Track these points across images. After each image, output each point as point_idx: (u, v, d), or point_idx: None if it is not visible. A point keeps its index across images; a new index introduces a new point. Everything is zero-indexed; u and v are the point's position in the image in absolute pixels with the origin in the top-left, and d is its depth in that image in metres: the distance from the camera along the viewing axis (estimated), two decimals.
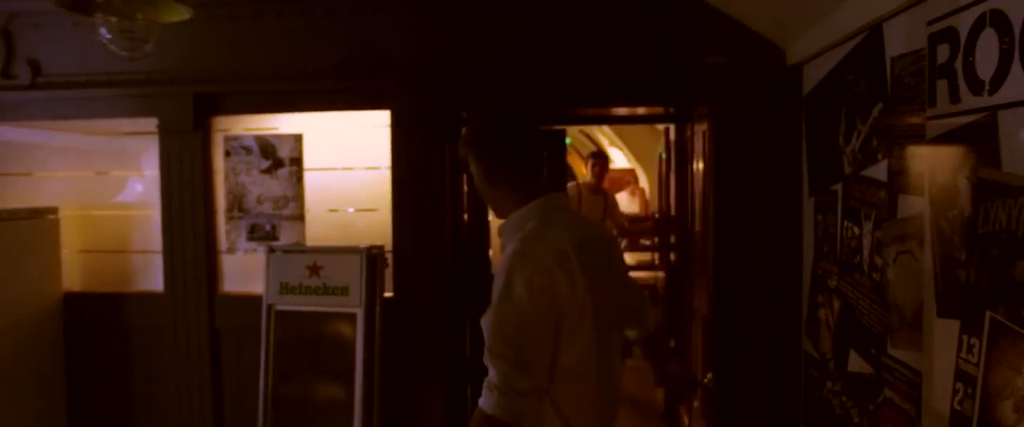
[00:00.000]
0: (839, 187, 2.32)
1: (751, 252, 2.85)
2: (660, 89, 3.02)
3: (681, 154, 3.66)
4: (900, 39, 1.88)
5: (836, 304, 2.36)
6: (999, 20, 1.41)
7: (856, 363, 2.18)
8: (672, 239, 4.03)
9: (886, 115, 1.95)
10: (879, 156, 2.00)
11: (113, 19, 1.74)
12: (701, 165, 3.15)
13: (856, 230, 2.17)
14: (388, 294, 3.06)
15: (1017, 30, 1.34)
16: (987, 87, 1.45)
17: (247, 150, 3.19)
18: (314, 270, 2.98)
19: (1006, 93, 1.39)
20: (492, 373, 1.44)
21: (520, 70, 2.95)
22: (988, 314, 1.45)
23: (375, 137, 3.13)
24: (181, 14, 1.85)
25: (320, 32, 3.01)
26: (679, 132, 3.70)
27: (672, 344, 3.77)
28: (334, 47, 3.00)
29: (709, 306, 2.96)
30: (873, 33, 2.03)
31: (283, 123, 3.24)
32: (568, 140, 6.28)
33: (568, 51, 2.93)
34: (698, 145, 3.22)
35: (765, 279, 2.83)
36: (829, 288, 2.42)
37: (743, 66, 2.83)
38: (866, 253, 2.10)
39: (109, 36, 1.78)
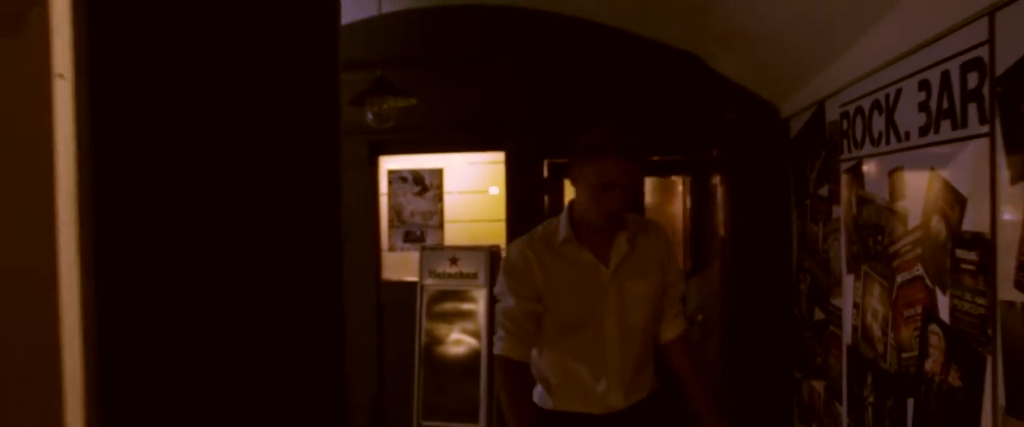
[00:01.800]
0: (808, 202, 3.56)
1: (756, 247, 4.09)
2: (692, 137, 4.31)
3: (705, 183, 4.92)
4: (832, 112, 3.14)
5: (808, 278, 3.59)
6: (861, 110, 2.68)
7: (818, 315, 3.41)
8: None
9: (825, 157, 3.21)
10: (824, 182, 3.25)
11: (375, 108, 3.14)
12: (721, 189, 4.42)
13: (815, 229, 3.42)
14: None
15: (867, 114, 2.61)
16: (858, 144, 2.72)
17: (404, 179, 4.61)
18: (453, 261, 4.36)
19: (866, 148, 2.65)
20: (683, 286, 2.26)
21: (591, 123, 4.29)
22: (863, 267, 2.70)
23: (494, 169, 4.51)
24: (410, 101, 3.26)
25: (457, 97, 4.42)
26: (703, 167, 4.96)
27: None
28: (467, 108, 4.40)
29: (725, 288, 4.20)
30: (819, 106, 3.29)
31: (429, 160, 4.65)
32: None
33: (630, 112, 4.25)
34: (717, 178, 4.48)
35: (767, 266, 4.06)
36: (804, 268, 3.65)
37: (750, 119, 4.10)
38: (820, 243, 3.34)
39: (371, 117, 3.18)
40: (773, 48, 3.48)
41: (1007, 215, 1.67)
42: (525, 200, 4.37)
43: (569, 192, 4.31)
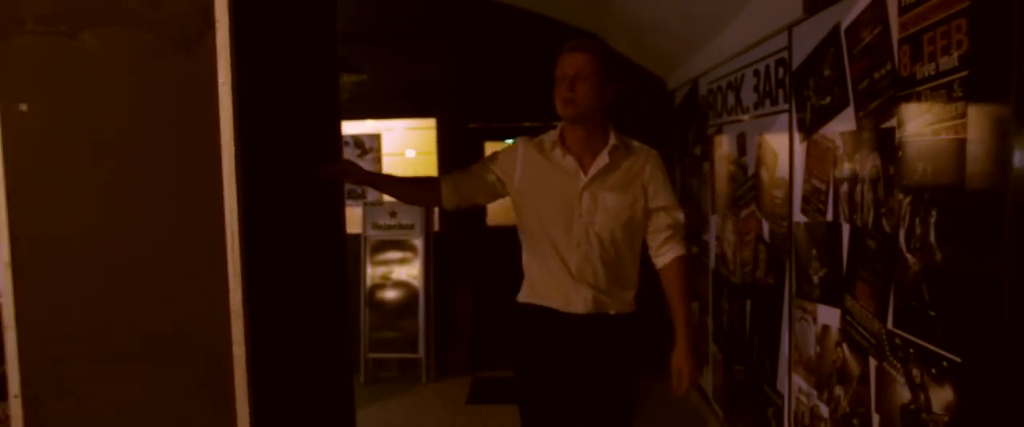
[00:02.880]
0: (686, 160, 4.42)
1: None
2: None
3: None
4: (703, 88, 3.96)
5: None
6: (721, 88, 3.50)
7: (693, 249, 4.29)
8: None
9: (698, 124, 4.05)
10: (697, 143, 4.10)
11: None
12: None
13: (691, 180, 4.28)
14: (436, 229, 5.08)
15: (724, 91, 3.44)
16: (718, 114, 3.55)
17: (346, 143, 5.15)
18: (392, 214, 4.98)
19: (723, 118, 3.49)
20: (682, 229, 2.18)
21: (507, 96, 4.99)
22: (721, 209, 3.55)
23: (427, 133, 5.14)
24: (362, 77, 3.82)
25: (396, 71, 4.98)
26: None
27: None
28: (404, 80, 4.98)
29: None
30: (694, 83, 4.12)
31: (370, 126, 5.21)
32: None
33: (537, 84, 4.95)
34: None
35: None
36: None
37: (642, 91, 4.91)
38: (695, 192, 4.20)
39: None
40: (660, 32, 4.26)
41: (797, 164, 2.51)
42: (453, 159, 5.03)
43: (488, 152, 5.05)
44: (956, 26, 1.49)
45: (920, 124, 1.67)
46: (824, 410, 2.32)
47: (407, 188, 2.45)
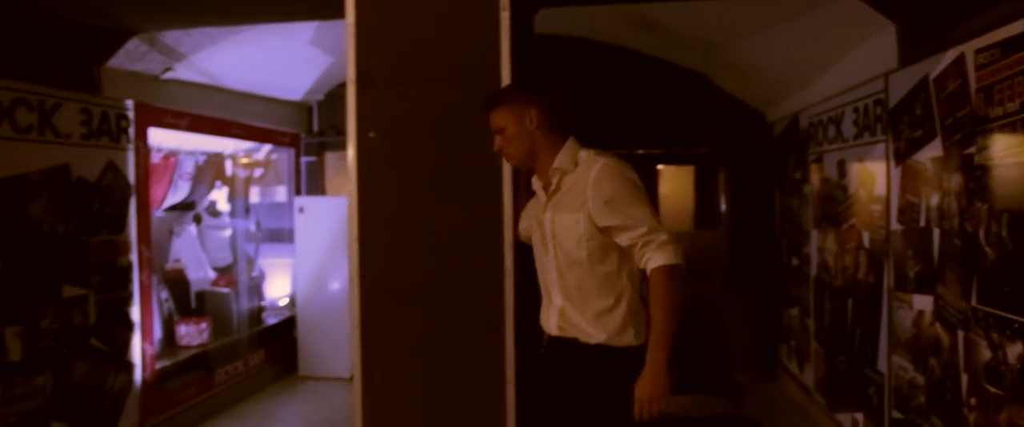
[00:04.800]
0: (786, 183, 5.04)
1: (748, 216, 5.55)
2: (698, 136, 5.77)
3: (707, 170, 6.38)
4: (804, 121, 4.59)
5: (787, 237, 5.06)
6: (821, 121, 4.14)
7: (794, 261, 4.88)
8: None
9: (798, 152, 4.68)
10: (797, 169, 4.72)
11: None
12: (723, 174, 5.88)
13: (791, 201, 4.89)
14: None
15: (825, 124, 4.07)
16: (819, 143, 4.18)
17: None
18: None
19: (824, 146, 4.12)
20: (660, 237, 1.95)
21: (624, 124, 5.73)
22: (822, 223, 4.17)
23: None
24: None
25: None
26: (705, 159, 6.42)
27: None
28: None
29: (726, 245, 5.67)
30: (795, 116, 4.75)
31: None
32: None
33: (654, 113, 5.69)
34: (718, 166, 5.94)
35: (755, 229, 5.52)
36: (784, 230, 5.13)
37: (743, 124, 5.56)
38: (795, 211, 4.81)
39: None
40: (764, 74, 4.93)
41: (893, 184, 3.14)
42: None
43: None
44: (1019, 81, 2.15)
45: (993, 151, 2.31)
46: (920, 379, 2.91)
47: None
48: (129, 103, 4.08)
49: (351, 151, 2.42)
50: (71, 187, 3.67)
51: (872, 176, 3.40)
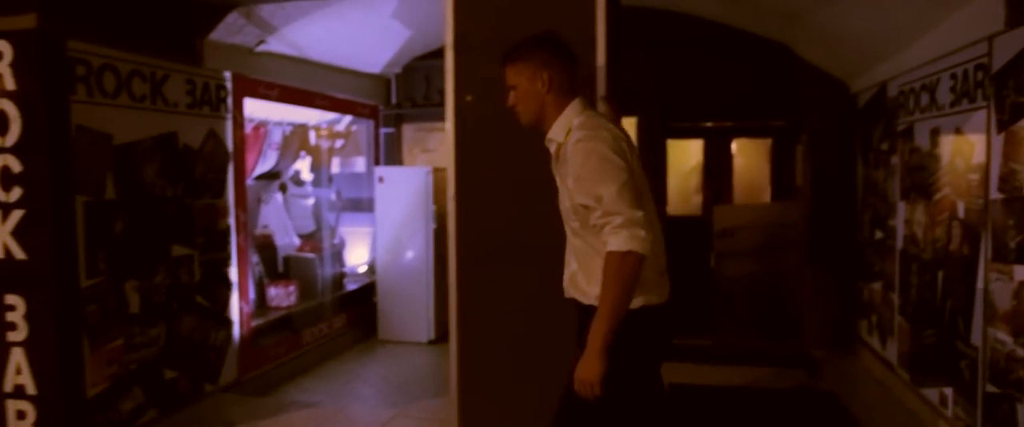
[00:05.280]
0: (871, 155, 4.90)
1: (828, 189, 5.43)
2: (777, 107, 5.65)
3: (784, 142, 6.25)
4: (893, 90, 4.45)
5: (870, 210, 4.94)
6: (913, 89, 4.01)
7: (878, 234, 4.76)
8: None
9: (886, 122, 4.54)
10: (884, 140, 4.59)
11: None
12: (803, 146, 5.75)
13: (876, 173, 4.77)
14: None
15: (917, 92, 3.95)
16: (909, 113, 4.06)
17: None
18: None
19: (915, 115, 3.99)
20: (616, 219, 1.84)
21: (699, 96, 5.66)
22: (911, 194, 4.06)
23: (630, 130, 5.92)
24: None
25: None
26: (783, 130, 6.27)
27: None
28: None
29: (805, 218, 5.56)
30: (882, 86, 4.61)
31: None
32: None
33: (730, 84, 5.60)
34: (798, 137, 5.81)
35: (836, 202, 5.40)
36: (867, 203, 5.00)
37: (825, 95, 5.41)
38: (880, 184, 4.68)
39: None
40: (849, 44, 4.79)
41: (994, 152, 3.04)
42: (651, 151, 5.79)
43: (672, 147, 5.76)
44: None
45: None
46: (1021, 352, 2.84)
47: None
48: (227, 74, 4.30)
49: (449, 114, 2.52)
50: (178, 153, 3.92)
51: (970, 144, 3.29)
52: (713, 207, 5.81)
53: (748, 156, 6.78)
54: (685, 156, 6.66)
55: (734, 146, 6.73)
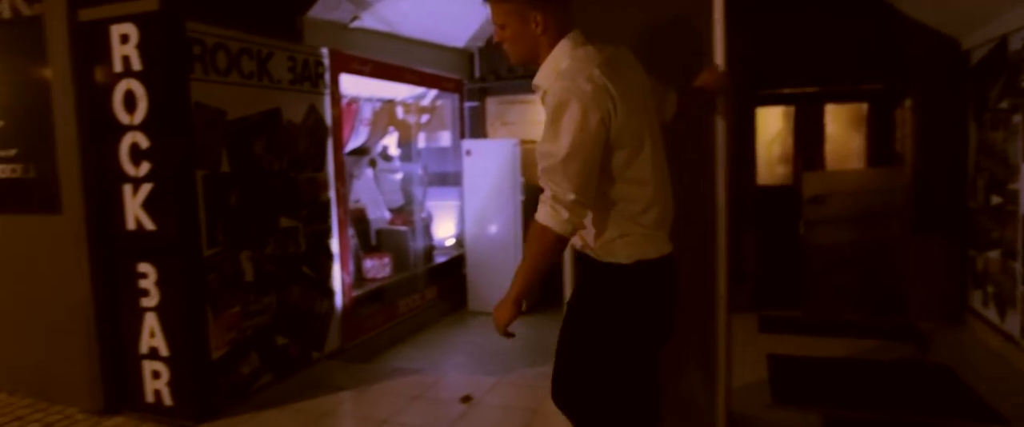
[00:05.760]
0: (987, 115, 4.61)
1: (936, 153, 5.14)
2: (876, 68, 5.37)
3: (884, 105, 5.94)
4: (1015, 43, 4.16)
5: (986, 174, 4.66)
6: None
7: (995, 200, 4.49)
8: None
9: (1007, 79, 4.25)
10: (1004, 98, 4.30)
11: None
12: (907, 109, 5.46)
13: (994, 135, 4.48)
14: None
15: None
16: None
17: None
18: None
19: None
20: (549, 189, 1.80)
21: (790, 61, 5.44)
22: None
23: None
24: None
25: None
26: (882, 94, 5.96)
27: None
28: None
29: (910, 184, 5.30)
30: (1002, 39, 4.31)
31: None
32: None
33: (824, 48, 5.35)
34: (901, 101, 5.52)
35: (944, 168, 5.11)
36: (982, 168, 4.72)
37: (932, 52, 5.11)
38: (999, 145, 4.40)
39: None
40: None
41: None
42: (741, 122, 5.62)
43: (759, 115, 5.53)
44: None
45: None
46: None
47: None
48: (324, 51, 4.41)
49: None
50: (283, 128, 4.05)
51: None
52: (803, 174, 5.61)
53: (840, 123, 6.49)
54: (767, 124, 6.44)
55: (826, 112, 6.46)
